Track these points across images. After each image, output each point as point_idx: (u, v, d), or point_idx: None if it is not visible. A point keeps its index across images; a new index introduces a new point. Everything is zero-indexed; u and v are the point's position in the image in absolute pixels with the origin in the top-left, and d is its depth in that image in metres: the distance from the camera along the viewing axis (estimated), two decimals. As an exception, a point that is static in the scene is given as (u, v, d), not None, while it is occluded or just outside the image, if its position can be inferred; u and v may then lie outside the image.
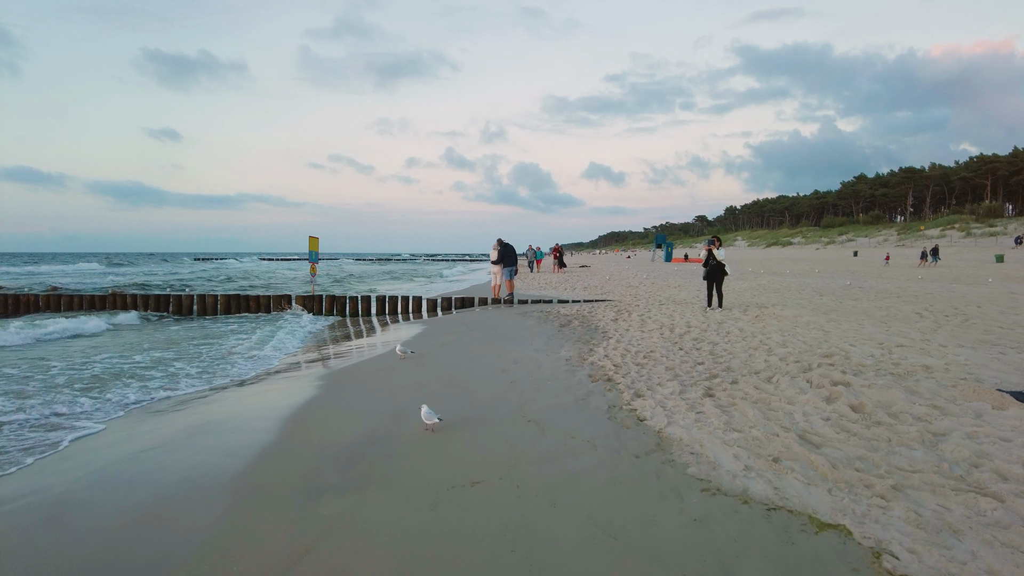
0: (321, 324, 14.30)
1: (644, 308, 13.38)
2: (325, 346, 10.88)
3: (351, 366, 8.51)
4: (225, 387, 7.38)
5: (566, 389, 6.22)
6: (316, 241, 17.86)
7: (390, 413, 5.59)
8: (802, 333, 9.02)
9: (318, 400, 6.38)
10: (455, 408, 5.60)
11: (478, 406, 5.73)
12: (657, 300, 15.18)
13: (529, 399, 5.89)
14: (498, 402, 5.84)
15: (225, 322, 14.76)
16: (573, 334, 10.07)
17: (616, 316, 12.11)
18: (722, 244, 12.59)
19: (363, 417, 5.54)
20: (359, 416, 5.58)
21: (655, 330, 9.99)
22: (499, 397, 6.03)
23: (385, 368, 7.98)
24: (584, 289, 20.47)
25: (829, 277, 24.40)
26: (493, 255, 17.20)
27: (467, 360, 8.17)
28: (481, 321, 12.78)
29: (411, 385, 6.69)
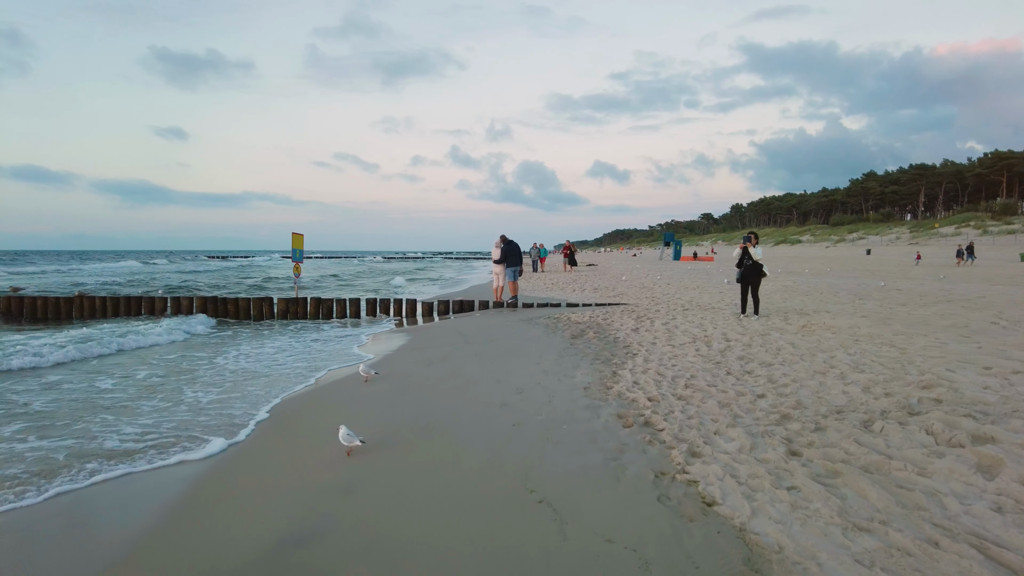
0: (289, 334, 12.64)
1: (667, 314, 11.69)
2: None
3: (294, 398, 6.75)
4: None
5: (589, 439, 4.55)
6: (300, 238, 16.18)
7: (336, 483, 3.93)
8: (872, 351, 7.31)
9: (228, 461, 4.64)
10: (432, 477, 3.94)
11: (465, 471, 4.05)
12: (679, 304, 13.49)
13: (538, 457, 4.21)
14: (495, 462, 4.16)
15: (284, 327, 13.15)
16: (589, 348, 8.39)
17: (636, 324, 10.43)
18: (758, 241, 10.88)
19: (290, 492, 3.85)
20: (284, 490, 3.89)
21: (688, 344, 8.31)
22: (496, 453, 4.35)
23: (341, 402, 6.30)
24: (594, 291, 18.79)
25: (852, 277, 22.62)
26: (495, 253, 15.52)
27: (457, 387, 6.50)
28: (480, 329, 11.13)
29: (374, 429, 5.03)
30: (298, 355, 9.42)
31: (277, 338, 11.37)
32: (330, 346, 10.37)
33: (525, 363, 7.57)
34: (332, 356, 9.32)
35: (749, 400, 5.41)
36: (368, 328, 12.88)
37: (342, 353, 9.61)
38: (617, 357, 7.66)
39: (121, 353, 9.67)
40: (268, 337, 11.53)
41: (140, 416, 5.86)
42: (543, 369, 7.15)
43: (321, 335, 11.86)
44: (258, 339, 11.26)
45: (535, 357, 7.94)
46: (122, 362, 8.91)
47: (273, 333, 12.10)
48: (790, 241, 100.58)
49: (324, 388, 7.09)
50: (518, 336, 9.93)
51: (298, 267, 15.92)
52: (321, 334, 12.02)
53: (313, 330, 12.66)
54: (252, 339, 11.29)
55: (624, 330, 9.89)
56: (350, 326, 13.51)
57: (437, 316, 14.89)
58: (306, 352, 9.75)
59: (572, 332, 9.93)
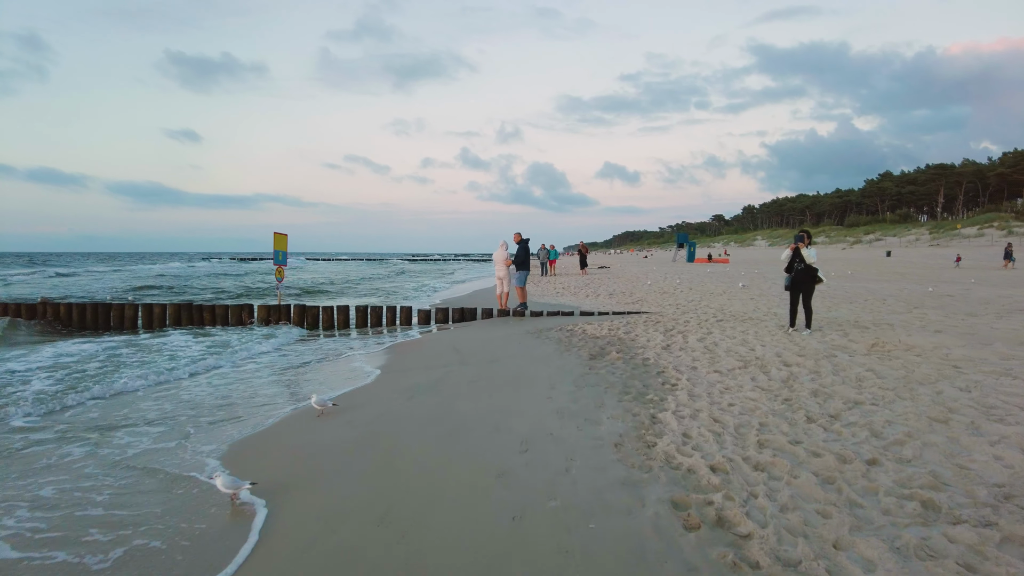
0: (270, 345, 11.02)
1: (699, 326, 9.97)
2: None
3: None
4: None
5: (635, 558, 2.85)
6: (284, 239, 14.52)
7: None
8: (995, 386, 5.57)
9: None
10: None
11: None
12: (710, 313, 11.75)
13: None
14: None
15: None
16: (614, 375, 6.68)
17: (667, 340, 8.72)
18: (811, 241, 9.11)
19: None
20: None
21: (738, 370, 6.59)
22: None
23: (279, 458, 4.65)
24: (609, 296, 17.07)
25: (887, 281, 20.72)
26: (500, 254, 13.78)
27: (440, 438, 4.81)
28: (480, 344, 9.46)
29: (299, 512, 3.36)
30: (260, 378, 7.81)
31: (254, 348, 9.77)
32: (280, 371, 8.75)
33: (533, 397, 5.89)
34: (282, 390, 7.69)
35: (859, 471, 3.70)
36: (351, 341, 11.25)
37: (300, 383, 7.97)
38: (652, 389, 5.96)
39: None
40: (235, 353, 9.93)
41: None
42: (556, 408, 5.46)
43: (290, 350, 10.24)
44: (227, 353, 9.67)
45: (546, 387, 6.25)
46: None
47: (249, 345, 10.51)
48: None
49: (272, 430, 5.45)
50: (525, 355, 8.26)
51: (281, 271, 14.32)
52: (288, 351, 10.40)
53: (289, 341, 11.05)
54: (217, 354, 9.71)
55: (653, 348, 8.19)
56: (338, 336, 11.89)
57: (435, 326, 13.25)
58: (264, 375, 8.14)
59: (590, 350, 8.24)
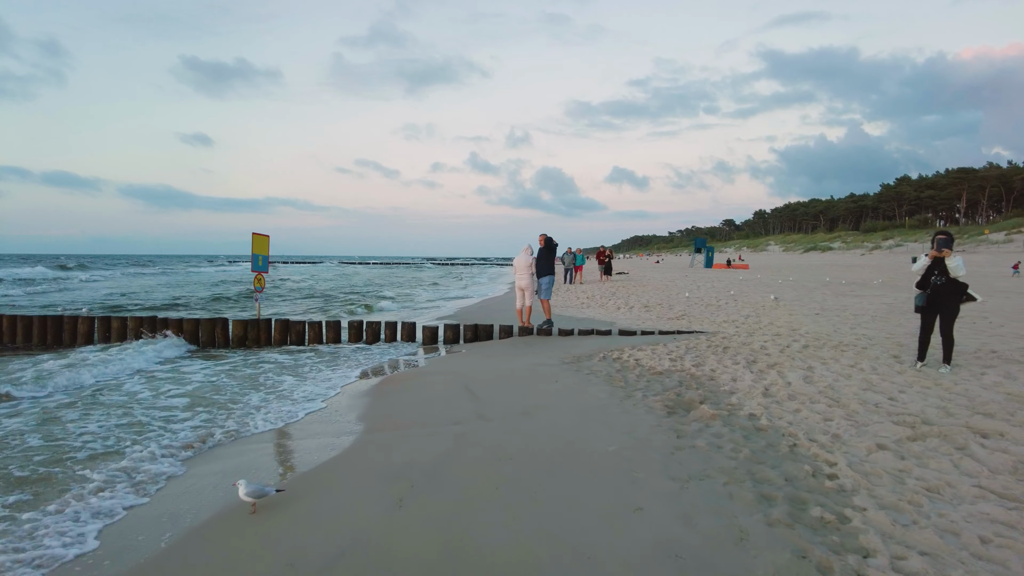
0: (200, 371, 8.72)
1: (783, 355, 7.63)
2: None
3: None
4: None
5: None
6: (265, 241, 12.20)
7: None
8: None
9: None
10: None
11: None
12: (784, 335, 9.38)
13: None
14: None
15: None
16: (721, 450, 4.31)
17: (758, 379, 6.36)
18: (953, 246, 6.71)
19: None
20: None
21: (911, 443, 4.23)
22: None
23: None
24: (645, 309, 14.71)
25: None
26: (523, 260, 11.43)
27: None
28: (501, 381, 7.14)
29: None
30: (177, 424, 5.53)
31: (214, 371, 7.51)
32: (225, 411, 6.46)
33: (609, 507, 3.54)
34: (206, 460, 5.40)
35: None
36: (328, 370, 8.95)
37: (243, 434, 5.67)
38: (805, 488, 3.59)
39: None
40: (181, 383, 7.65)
41: None
42: (661, 540, 3.10)
43: (239, 387, 7.95)
44: (176, 381, 7.39)
45: (622, 480, 3.90)
46: None
47: (215, 369, 8.23)
48: (820, 248, 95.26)
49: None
50: (569, 403, 5.93)
51: (260, 278, 12.04)
52: (237, 388, 8.11)
53: (251, 366, 8.76)
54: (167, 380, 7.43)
55: (748, 393, 5.84)
56: (313, 359, 9.59)
57: (443, 347, 10.98)
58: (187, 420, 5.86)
59: (662, 396, 5.90)
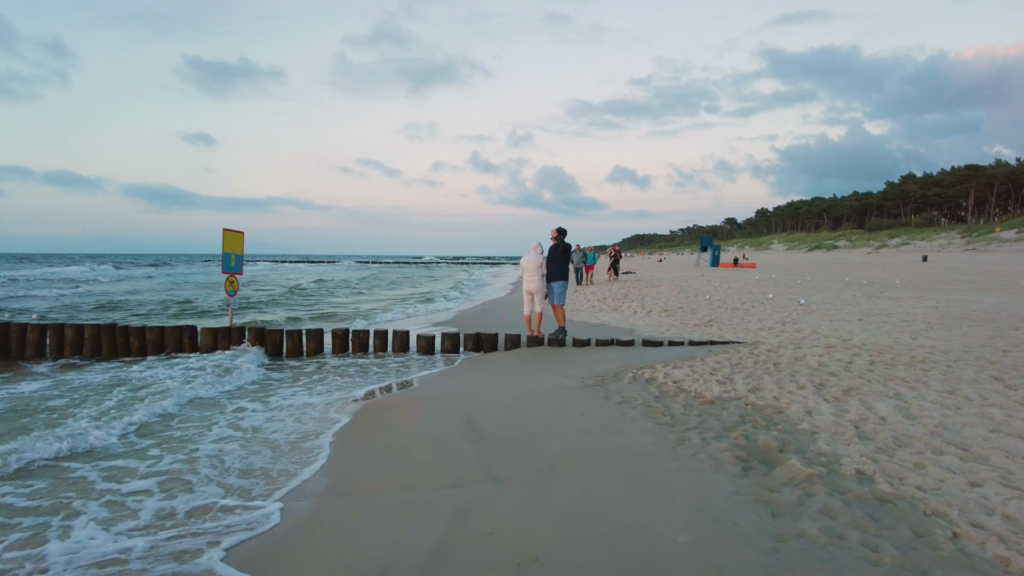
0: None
1: (851, 371, 6.22)
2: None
3: None
4: None
5: None
6: (239, 239, 10.70)
7: None
8: None
9: None
10: None
11: None
12: (838, 346, 7.97)
13: None
14: None
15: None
16: (856, 552, 2.80)
17: (839, 410, 4.96)
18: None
19: None
20: None
21: None
22: None
23: None
24: (665, 313, 13.31)
25: (969, 293, 16.82)
26: (532, 259, 10.04)
27: None
28: (513, 413, 5.70)
29: None
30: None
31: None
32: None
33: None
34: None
35: None
36: (304, 391, 7.53)
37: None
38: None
39: None
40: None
41: None
42: None
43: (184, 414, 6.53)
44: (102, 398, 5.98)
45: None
46: None
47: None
48: (825, 247, 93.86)
49: None
50: (603, 450, 4.50)
51: (233, 280, 10.62)
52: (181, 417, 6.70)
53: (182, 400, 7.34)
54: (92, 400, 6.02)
55: (841, 437, 4.43)
56: (286, 375, 8.16)
57: (440, 358, 9.59)
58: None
59: (722, 437, 4.47)
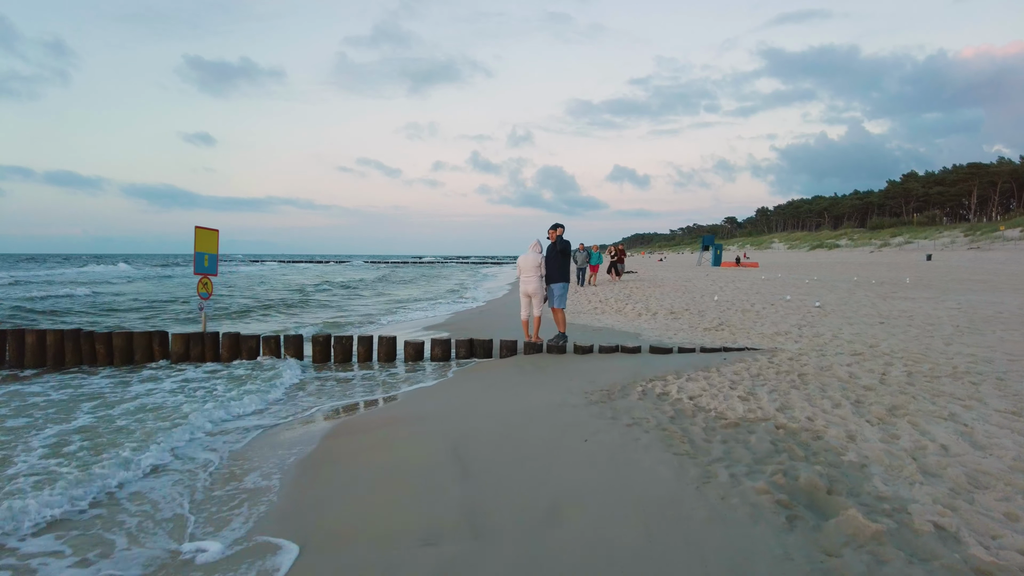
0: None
1: (887, 384, 5.43)
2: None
3: None
4: None
5: None
6: (213, 237, 9.81)
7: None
8: None
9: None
10: None
11: None
12: (867, 354, 7.17)
13: None
14: None
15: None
16: None
17: (888, 435, 4.16)
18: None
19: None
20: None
21: None
22: None
23: None
24: (671, 315, 12.53)
25: (986, 293, 16.06)
26: (530, 259, 9.24)
27: None
28: (504, 439, 4.87)
29: None
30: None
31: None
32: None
33: None
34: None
35: None
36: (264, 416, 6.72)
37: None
38: None
39: None
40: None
41: None
42: None
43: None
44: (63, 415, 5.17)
45: None
46: None
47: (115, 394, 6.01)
48: (826, 246, 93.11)
49: None
50: (613, 490, 3.70)
51: (207, 282, 9.81)
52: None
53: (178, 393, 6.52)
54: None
55: (899, 475, 3.63)
56: (259, 386, 7.34)
57: (429, 367, 8.81)
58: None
59: (755, 472, 3.68)
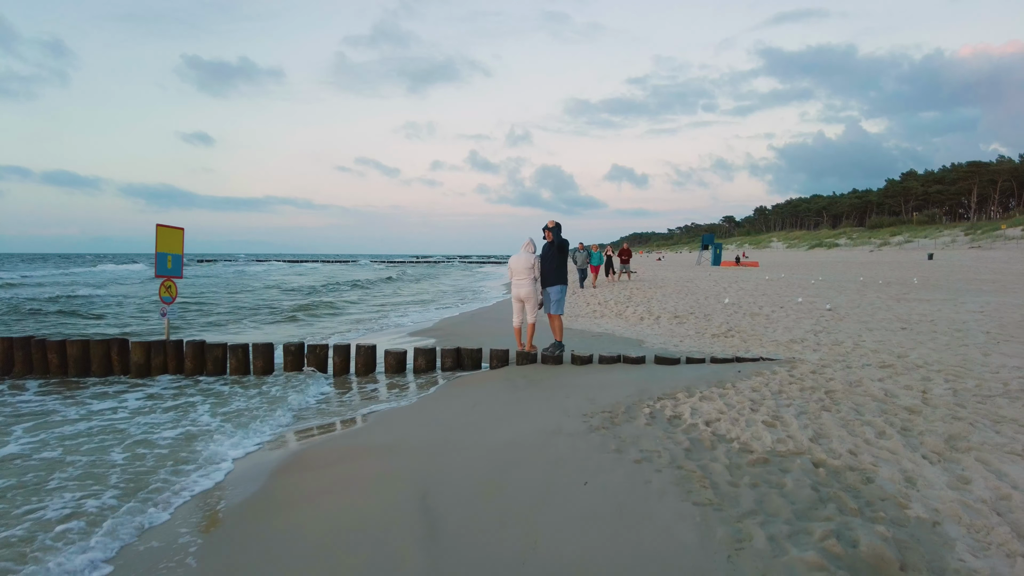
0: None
1: (936, 411, 4.60)
2: None
3: None
4: None
5: None
6: (177, 236, 8.97)
7: None
8: None
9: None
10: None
11: None
12: (903, 372, 6.36)
13: None
14: None
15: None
16: None
17: (987, 502, 3.31)
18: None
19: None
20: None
21: None
22: None
23: None
24: (674, 318, 11.70)
25: (999, 294, 15.27)
26: (522, 260, 8.41)
27: None
28: (486, 481, 3.97)
29: None
30: None
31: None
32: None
33: None
34: None
35: None
36: (219, 442, 5.87)
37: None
38: None
39: None
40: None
41: None
42: None
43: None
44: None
45: None
46: None
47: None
48: (826, 245, 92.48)
49: None
50: (619, 547, 2.87)
51: (171, 285, 8.96)
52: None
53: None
54: None
55: (990, 545, 2.83)
56: (212, 406, 6.47)
57: (413, 379, 7.98)
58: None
59: (798, 533, 2.84)
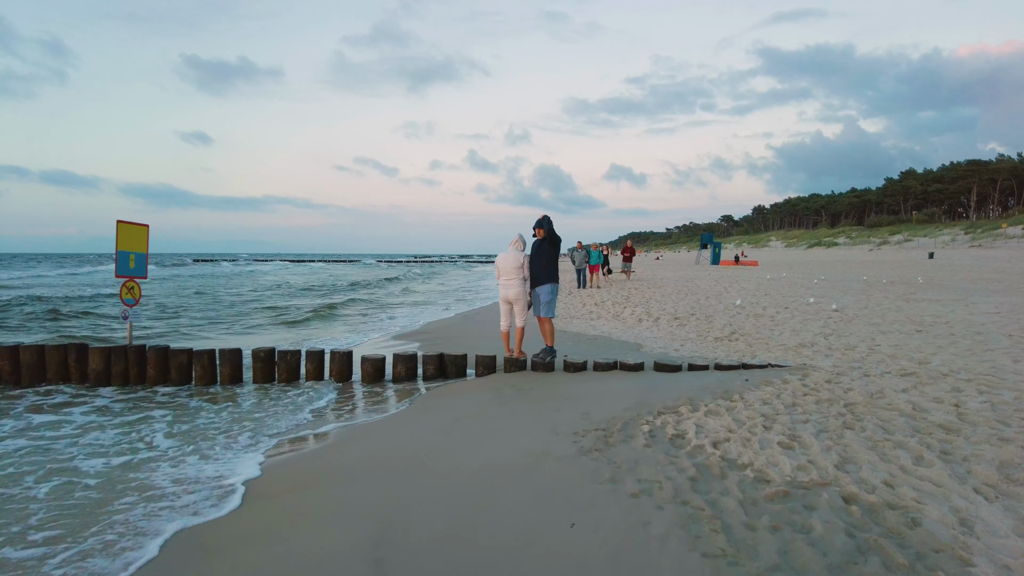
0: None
1: (976, 430, 3.97)
2: None
3: None
4: None
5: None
6: (141, 233, 8.26)
7: None
8: None
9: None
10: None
11: None
12: (927, 381, 5.72)
13: None
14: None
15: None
16: None
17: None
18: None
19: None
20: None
21: None
22: None
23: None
24: (674, 320, 11.06)
25: (1010, 295, 14.64)
26: (509, 259, 7.73)
27: None
28: (455, 523, 3.31)
29: None
30: None
31: None
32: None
33: None
34: None
35: None
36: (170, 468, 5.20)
37: None
38: None
39: None
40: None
41: None
42: None
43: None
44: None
45: None
46: None
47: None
48: (824, 244, 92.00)
49: None
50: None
51: (133, 287, 8.28)
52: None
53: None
54: None
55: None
56: (168, 422, 5.81)
57: (393, 389, 7.33)
58: None
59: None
